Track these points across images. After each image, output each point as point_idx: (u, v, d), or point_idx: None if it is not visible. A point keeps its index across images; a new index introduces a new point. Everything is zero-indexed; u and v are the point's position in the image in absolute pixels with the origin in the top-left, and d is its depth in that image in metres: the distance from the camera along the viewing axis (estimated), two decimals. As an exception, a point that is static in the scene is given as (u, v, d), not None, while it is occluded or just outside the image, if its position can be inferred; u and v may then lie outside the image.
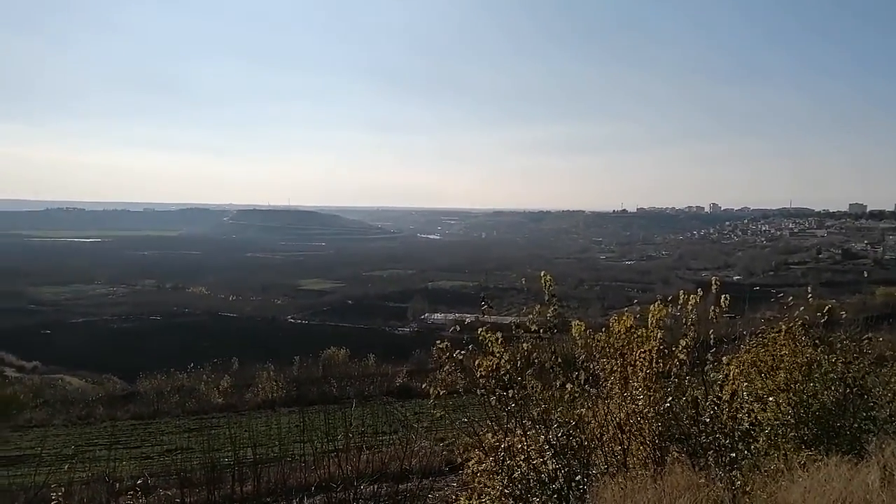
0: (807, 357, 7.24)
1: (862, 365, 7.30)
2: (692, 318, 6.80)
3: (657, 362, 6.52)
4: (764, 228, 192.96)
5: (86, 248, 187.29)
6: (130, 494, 8.73)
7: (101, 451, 19.17)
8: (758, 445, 6.45)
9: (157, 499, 11.55)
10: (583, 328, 6.99)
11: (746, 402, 6.58)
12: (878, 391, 7.56)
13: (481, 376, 6.63)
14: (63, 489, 8.46)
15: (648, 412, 6.31)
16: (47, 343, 66.40)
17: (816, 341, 7.58)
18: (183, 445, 18.34)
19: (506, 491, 6.35)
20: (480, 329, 6.64)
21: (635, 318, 6.82)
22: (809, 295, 8.73)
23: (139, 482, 9.01)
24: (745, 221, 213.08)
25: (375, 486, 8.01)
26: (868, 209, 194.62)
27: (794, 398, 7.04)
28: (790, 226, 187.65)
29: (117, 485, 10.13)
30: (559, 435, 6.33)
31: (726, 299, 7.16)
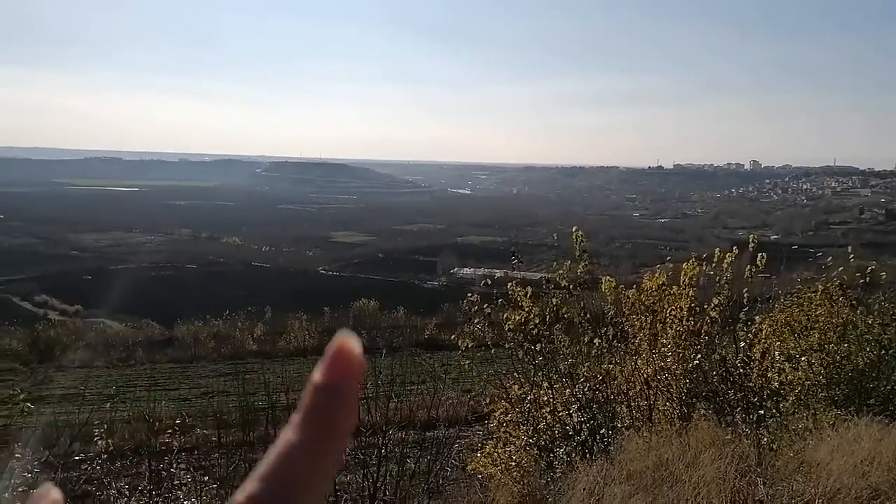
0: (842, 318, 7.11)
1: (900, 327, 7.15)
2: (726, 277, 6.70)
3: (688, 320, 6.48)
4: (805, 187, 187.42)
5: (124, 196, 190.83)
6: (170, 433, 9.09)
7: (140, 392, 19.96)
8: (787, 404, 6.42)
9: (195, 437, 12.02)
10: (613, 284, 6.94)
11: (777, 362, 6.52)
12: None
13: (510, 330, 6.68)
14: (105, 426, 8.85)
15: (677, 369, 6.30)
16: (89, 288, 68.55)
17: (853, 302, 7.43)
18: (219, 389, 18.99)
19: (531, 441, 6.46)
20: (510, 283, 6.65)
21: (667, 275, 6.75)
22: (851, 256, 8.52)
23: (178, 421, 9.37)
24: (786, 179, 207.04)
25: (403, 433, 8.21)
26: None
27: (826, 359, 6.96)
28: (833, 184, 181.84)
29: (157, 424, 10.55)
30: (585, 389, 6.37)
31: (762, 258, 7.02)
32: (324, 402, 0.43)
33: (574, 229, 6.75)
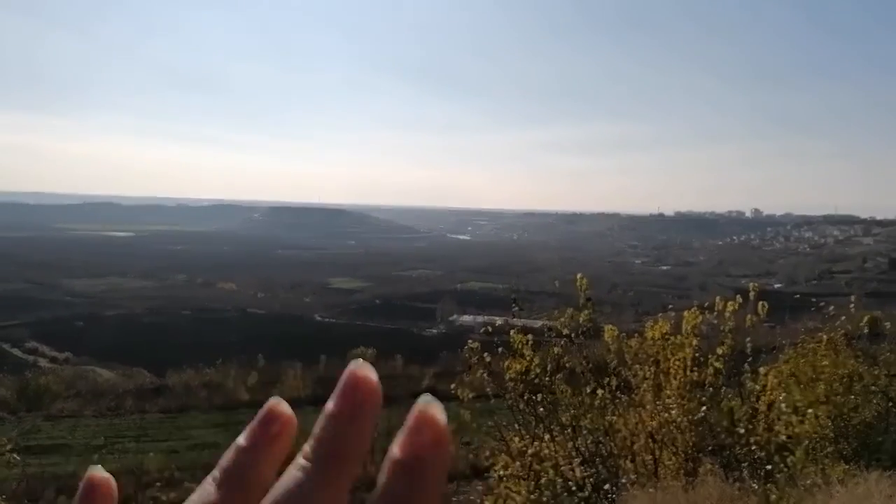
0: (848, 369, 7.00)
1: (906, 379, 7.04)
2: (730, 326, 6.60)
3: (692, 370, 6.35)
4: (807, 235, 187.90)
5: (120, 241, 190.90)
6: (158, 486, 8.83)
7: (129, 443, 19.52)
8: (794, 459, 6.25)
9: (184, 492, 11.64)
10: (616, 333, 6.84)
11: (784, 414, 6.38)
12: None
13: (510, 379, 6.54)
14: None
15: (682, 422, 6.15)
16: (80, 335, 67.85)
17: (858, 353, 7.33)
18: (210, 440, 18.57)
19: (532, 497, 6.25)
20: (512, 331, 6.55)
21: (670, 324, 6.65)
22: (853, 305, 8.46)
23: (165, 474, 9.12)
24: (788, 227, 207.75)
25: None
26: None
27: (833, 411, 6.82)
28: (835, 233, 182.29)
29: (144, 477, 10.25)
30: (588, 442, 6.20)
31: (764, 307, 6.94)
32: (335, 433, 0.41)
33: (578, 276, 6.68)
